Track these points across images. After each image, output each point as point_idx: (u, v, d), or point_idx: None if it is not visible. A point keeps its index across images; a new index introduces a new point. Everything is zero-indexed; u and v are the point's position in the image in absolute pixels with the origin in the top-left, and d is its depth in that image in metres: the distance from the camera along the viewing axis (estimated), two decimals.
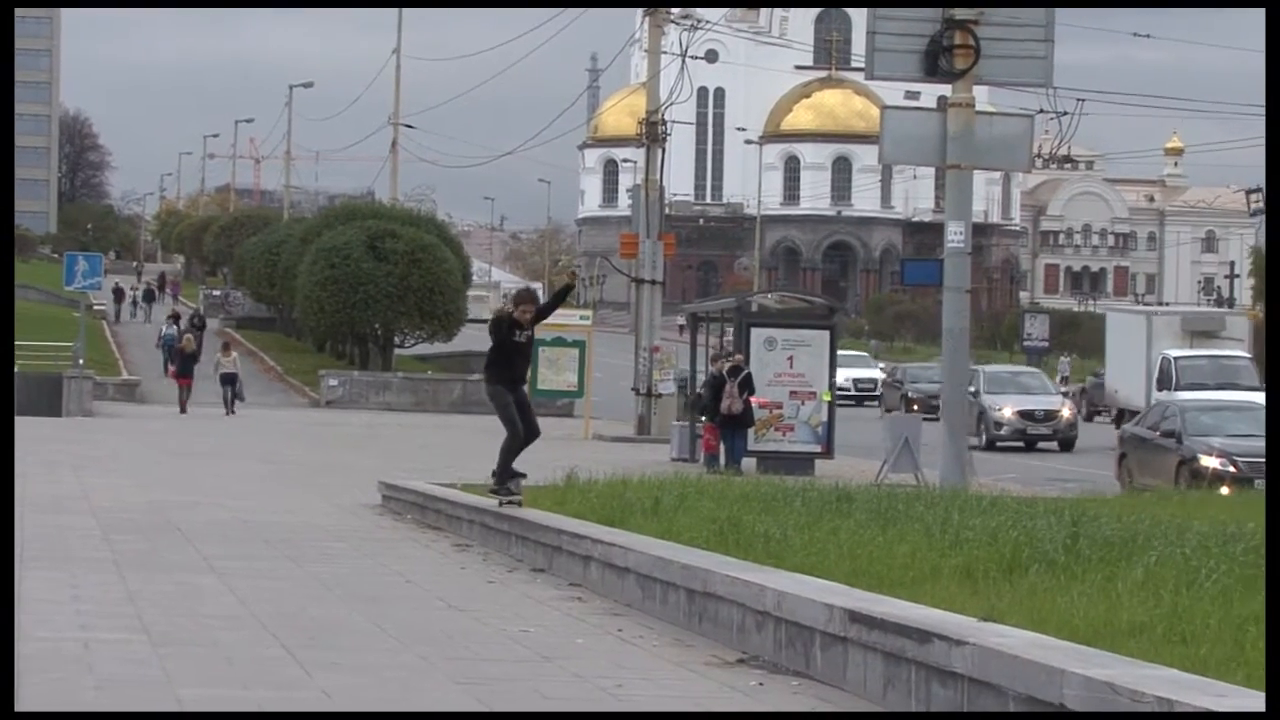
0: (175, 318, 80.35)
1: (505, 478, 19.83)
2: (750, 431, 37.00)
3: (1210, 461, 34.13)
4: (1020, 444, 52.56)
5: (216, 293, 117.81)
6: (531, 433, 20.10)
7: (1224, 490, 27.36)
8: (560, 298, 22.97)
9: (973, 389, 47.80)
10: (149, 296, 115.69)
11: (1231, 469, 33.23)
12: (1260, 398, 42.89)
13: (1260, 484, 29.84)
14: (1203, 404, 41.13)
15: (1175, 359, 52.07)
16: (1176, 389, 47.90)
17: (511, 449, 19.92)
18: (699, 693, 11.49)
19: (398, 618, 14.58)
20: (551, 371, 54.68)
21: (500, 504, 19.65)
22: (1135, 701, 8.44)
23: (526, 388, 20.91)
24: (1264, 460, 32.39)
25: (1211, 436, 35.80)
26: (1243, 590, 11.27)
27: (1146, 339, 56.05)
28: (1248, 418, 38.10)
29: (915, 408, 59.57)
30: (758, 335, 38.72)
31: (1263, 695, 8.25)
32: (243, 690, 10.99)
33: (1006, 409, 52.51)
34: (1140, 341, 56.23)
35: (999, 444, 51.89)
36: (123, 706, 10.02)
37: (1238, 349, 55.67)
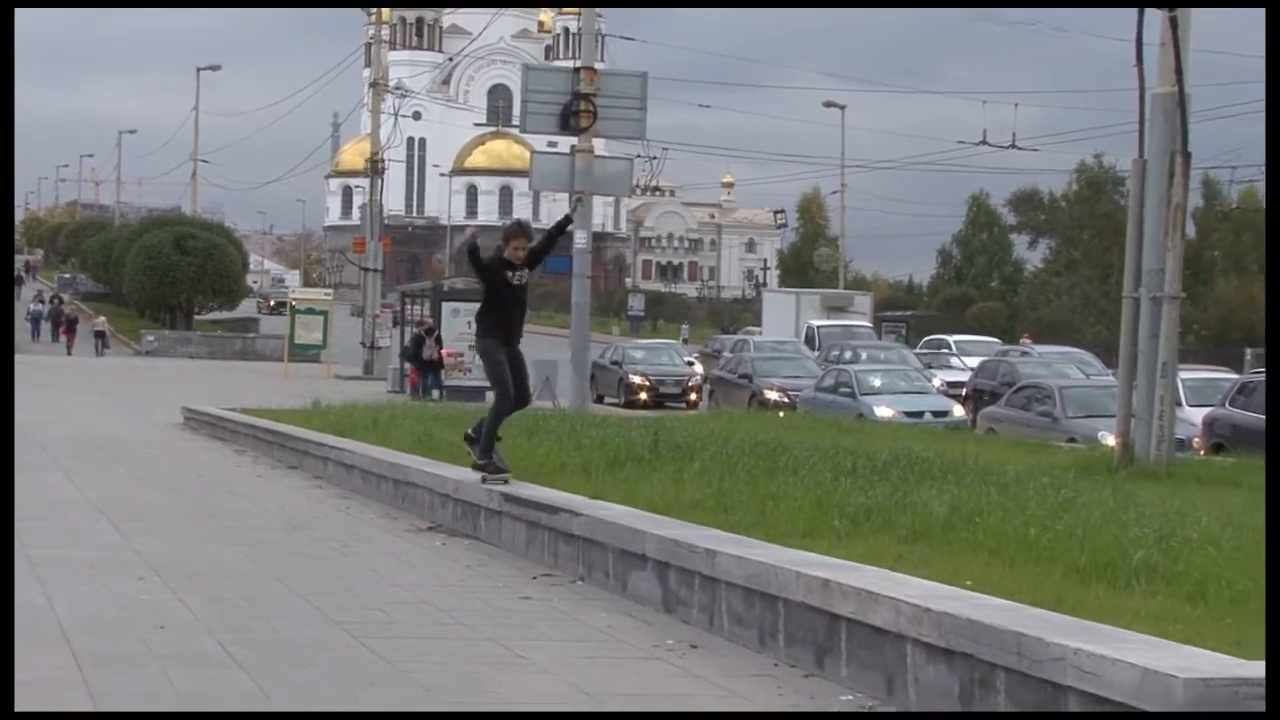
0: (40, 299, 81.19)
1: (490, 448, 12.01)
2: (441, 372, 37.00)
3: (772, 394, 34.74)
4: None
5: (67, 276, 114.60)
6: (522, 398, 12.37)
7: (780, 414, 27.73)
8: (560, 230, 13.23)
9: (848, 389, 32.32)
10: (18, 280, 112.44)
11: (786, 400, 33.78)
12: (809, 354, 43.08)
13: (803, 409, 30.11)
14: (765, 355, 41.45)
15: (818, 327, 50.30)
16: (818, 349, 45.63)
17: (500, 415, 12.21)
18: (402, 549, 11.43)
19: (192, 500, 14.33)
20: (305, 331, 54.29)
21: (484, 480, 11.85)
22: (691, 552, 8.55)
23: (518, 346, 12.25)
24: (803, 391, 32.77)
25: (773, 378, 36.41)
26: (764, 476, 11.37)
27: (796, 312, 55.43)
28: (797, 365, 38.81)
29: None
30: (448, 307, 38.90)
31: (773, 546, 8.39)
32: (78, 550, 10.71)
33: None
34: (790, 315, 55.45)
35: None
36: None
37: (862, 319, 55.20)
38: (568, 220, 13.32)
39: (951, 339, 49.44)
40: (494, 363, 12.01)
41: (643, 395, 39.21)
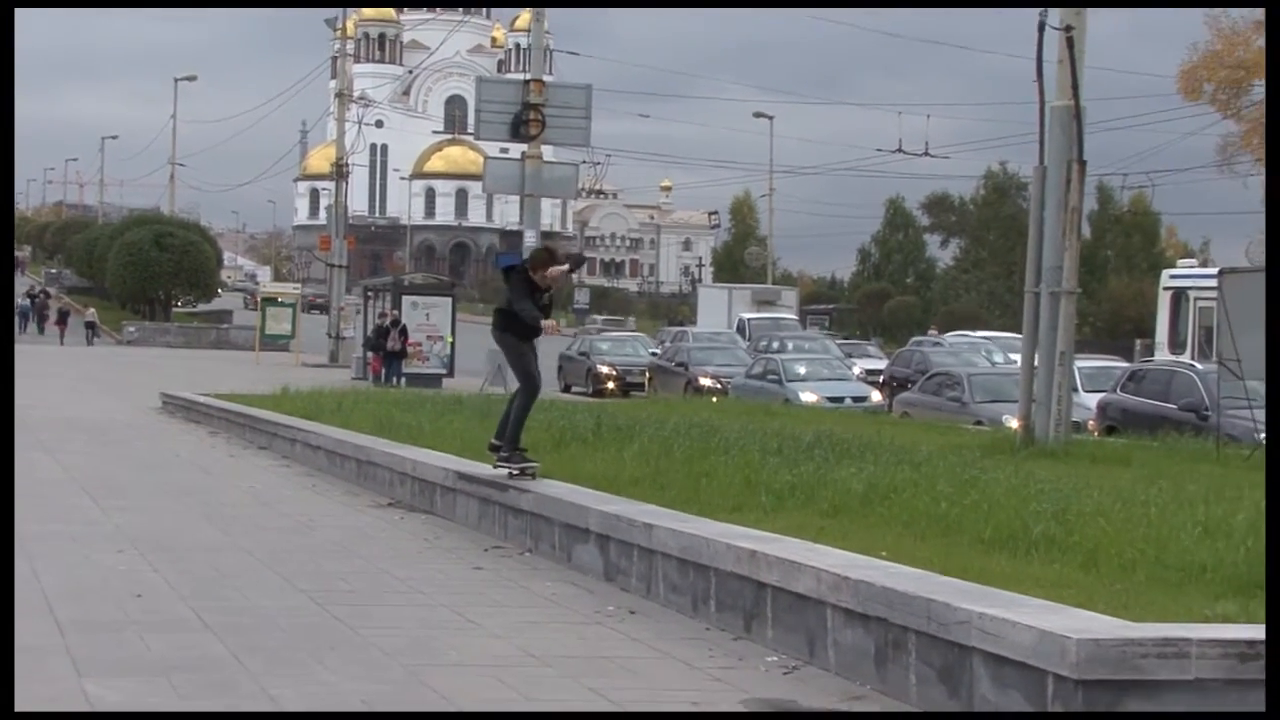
0: (31, 292, 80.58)
1: (517, 442, 10.74)
2: (403, 361, 36.82)
3: (706, 381, 34.53)
4: None
5: (53, 271, 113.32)
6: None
7: (713, 399, 27.59)
8: (574, 268, 11.48)
9: (776, 376, 31.40)
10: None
11: (719, 386, 33.58)
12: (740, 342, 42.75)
13: (734, 395, 29.88)
14: (701, 344, 40.99)
15: (749, 319, 49.72)
16: (748, 340, 44.41)
17: (529, 405, 10.87)
18: (363, 523, 11.37)
19: (169, 479, 14.20)
20: (275, 322, 54.02)
21: (510, 475, 10.55)
22: (631, 525, 8.55)
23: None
24: (735, 378, 32.47)
25: (706, 365, 36.19)
26: (698, 456, 11.37)
27: (728, 305, 54.99)
28: (728, 354, 38.57)
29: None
30: (407, 300, 38.81)
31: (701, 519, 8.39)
32: (62, 525, 10.61)
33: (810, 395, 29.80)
34: (723, 308, 54.97)
35: None
36: None
37: (788, 312, 54.86)
38: (581, 261, 11.69)
39: (977, 335, 47.93)
40: (520, 354, 10.77)
41: (610, 384, 38.05)
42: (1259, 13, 52.91)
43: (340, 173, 54.20)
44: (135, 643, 6.81)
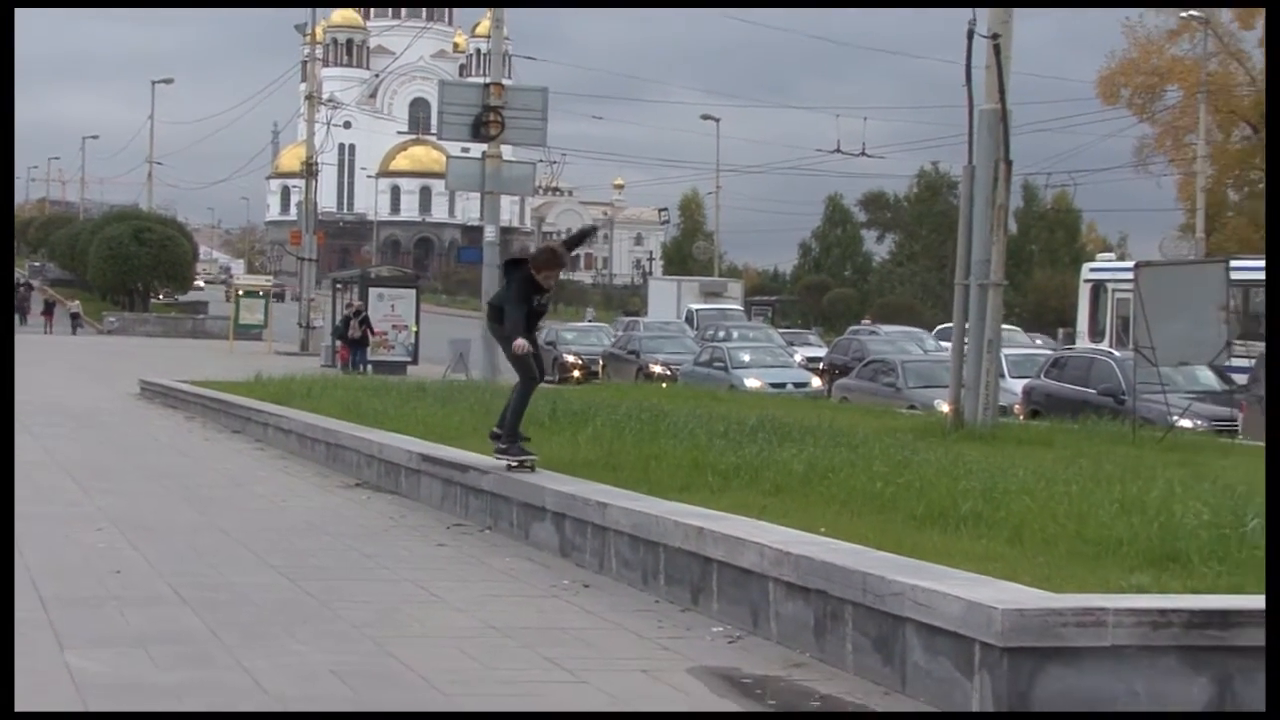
0: (15, 286, 79.99)
1: (516, 434, 10.03)
2: (367, 349, 36.66)
3: (656, 368, 34.47)
4: None
5: (37, 264, 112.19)
6: (540, 377, 10.48)
7: (663, 385, 27.52)
8: (581, 238, 11.94)
9: (722, 363, 31.51)
10: None
11: (669, 373, 33.52)
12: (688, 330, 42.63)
13: (683, 381, 29.79)
14: (651, 333, 40.74)
15: (697, 310, 49.58)
16: (696, 328, 44.43)
17: (526, 397, 10.15)
18: (332, 503, 11.32)
19: (148, 462, 14.10)
20: (248, 312, 53.79)
21: (509, 467, 9.88)
22: (585, 504, 8.55)
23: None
24: (683, 366, 32.36)
25: (657, 353, 36.13)
26: (649, 439, 11.34)
27: (677, 297, 54.88)
28: (678, 343, 38.50)
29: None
30: (374, 292, 38.74)
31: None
32: (45, 506, 10.50)
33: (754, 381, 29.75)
34: (672, 299, 54.83)
35: None
36: None
37: (734, 304, 54.75)
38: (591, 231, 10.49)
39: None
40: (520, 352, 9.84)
41: (576, 373, 37.16)
42: (1172, 21, 53.41)
43: (310, 171, 53.95)
44: (115, 617, 6.77)
